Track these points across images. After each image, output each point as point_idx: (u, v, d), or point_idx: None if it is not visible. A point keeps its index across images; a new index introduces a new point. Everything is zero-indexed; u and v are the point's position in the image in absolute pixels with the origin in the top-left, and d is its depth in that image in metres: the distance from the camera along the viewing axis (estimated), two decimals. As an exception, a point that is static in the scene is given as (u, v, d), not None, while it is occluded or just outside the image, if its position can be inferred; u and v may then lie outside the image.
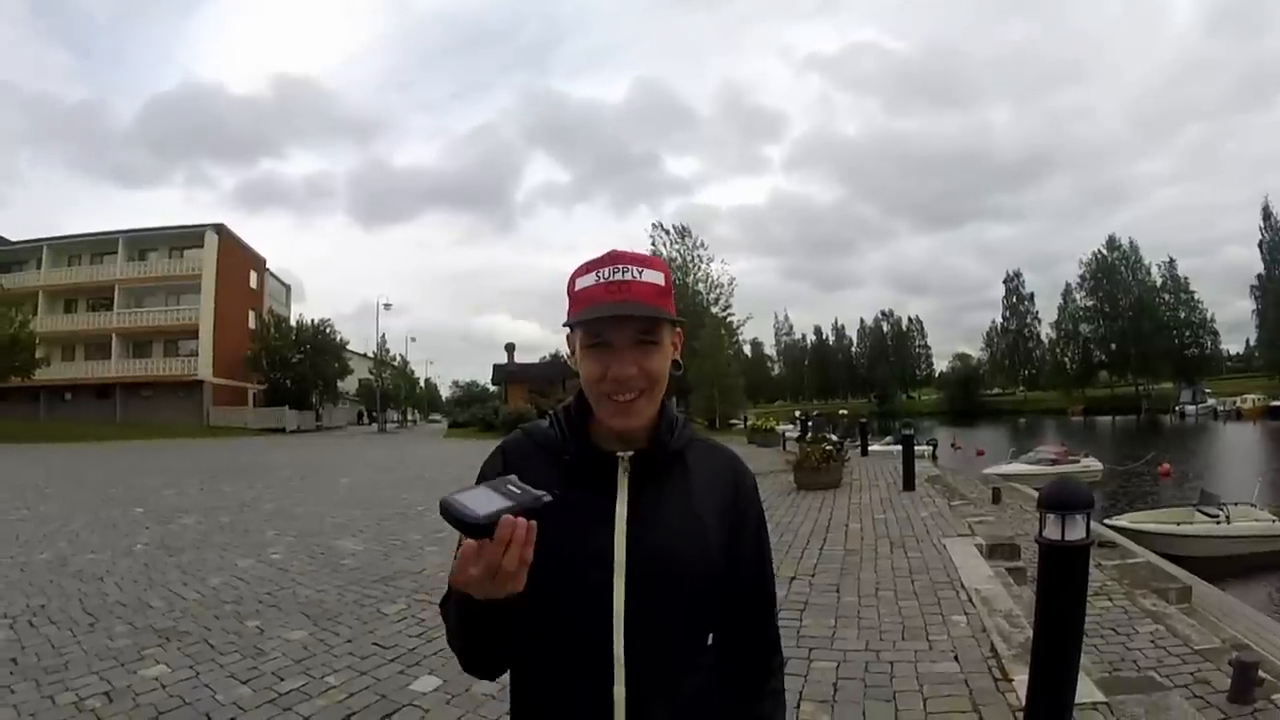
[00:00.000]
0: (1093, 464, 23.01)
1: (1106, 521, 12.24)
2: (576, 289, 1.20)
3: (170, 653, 4.87)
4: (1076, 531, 2.84)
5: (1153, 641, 5.05)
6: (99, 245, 52.47)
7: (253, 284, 58.53)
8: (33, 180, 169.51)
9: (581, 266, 1.22)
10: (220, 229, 53.36)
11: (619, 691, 1.16)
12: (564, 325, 1.22)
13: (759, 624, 1.34)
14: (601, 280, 1.17)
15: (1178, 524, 12.87)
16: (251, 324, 55.73)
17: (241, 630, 5.38)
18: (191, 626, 5.47)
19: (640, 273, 1.18)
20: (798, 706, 3.69)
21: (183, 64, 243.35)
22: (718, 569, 1.23)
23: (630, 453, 1.21)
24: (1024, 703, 3.24)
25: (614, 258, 1.19)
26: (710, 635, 1.27)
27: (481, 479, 1.19)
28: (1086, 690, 3.35)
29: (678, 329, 1.25)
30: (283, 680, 4.36)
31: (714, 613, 1.25)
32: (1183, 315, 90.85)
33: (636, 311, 1.15)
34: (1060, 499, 2.89)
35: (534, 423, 1.34)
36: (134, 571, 7.36)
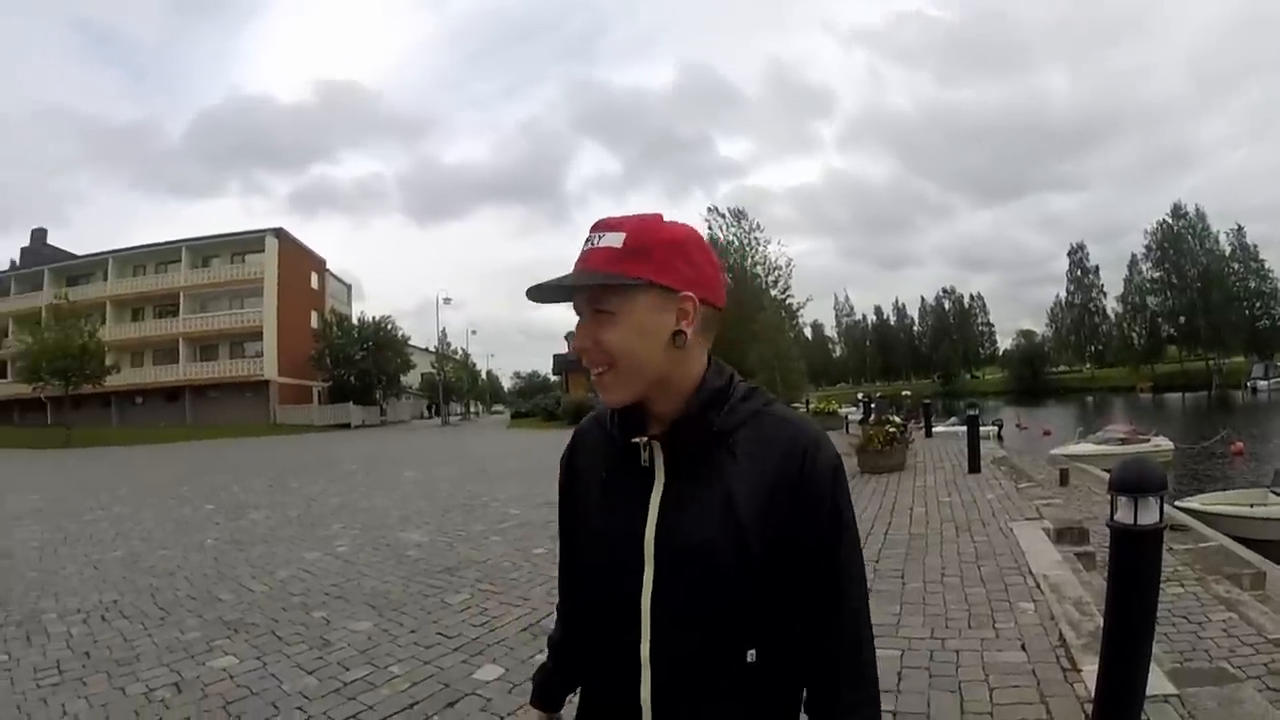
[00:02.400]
0: (1163, 443, 22.35)
1: (1177, 504, 11.88)
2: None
3: (238, 644, 4.98)
4: (1149, 515, 2.72)
5: (1225, 630, 4.88)
6: (163, 255, 54.30)
7: (314, 285, 59.83)
8: (95, 198, 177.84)
9: None
10: (280, 233, 54.63)
11: (645, 693, 1.08)
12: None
13: (819, 663, 1.10)
14: (581, 250, 1.10)
15: (1251, 506, 12.42)
16: (314, 323, 57.00)
17: (308, 621, 5.47)
18: (259, 618, 5.59)
19: (600, 237, 1.07)
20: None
21: (231, 78, 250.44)
22: (762, 575, 1.06)
23: (644, 438, 1.11)
24: (1093, 694, 3.13)
25: (594, 225, 1.10)
26: (751, 652, 1.07)
27: (559, 469, 1.31)
28: (1157, 682, 3.23)
29: (685, 294, 1.07)
30: (348, 670, 4.42)
31: (758, 626, 1.07)
32: (1253, 285, 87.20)
33: (573, 281, 1.06)
34: (1132, 480, 2.77)
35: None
36: (204, 566, 7.54)
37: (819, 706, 1.10)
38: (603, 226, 1.08)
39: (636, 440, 1.12)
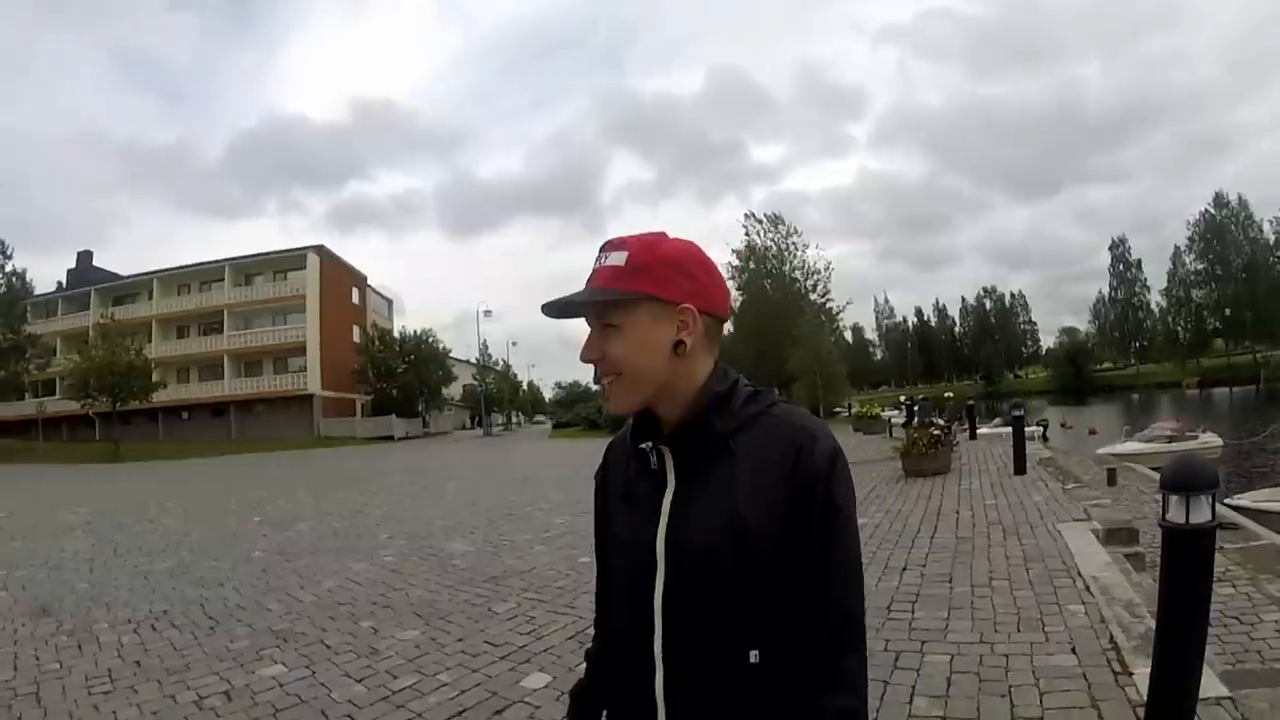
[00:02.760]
0: (1212, 439, 21.86)
1: (1228, 501, 11.61)
2: None
3: (287, 653, 5.05)
4: (1201, 513, 2.68)
5: (1278, 631, 4.76)
6: (206, 274, 55.34)
7: (355, 300, 60.61)
8: (136, 220, 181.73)
9: None
10: (321, 250, 55.50)
11: (659, 691, 1.11)
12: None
13: (807, 645, 1.08)
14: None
15: None
16: (356, 338, 57.58)
17: (356, 631, 5.53)
18: (308, 628, 5.66)
19: (606, 257, 1.15)
20: (910, 701, 3.61)
21: (266, 99, 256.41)
22: (764, 573, 1.07)
23: (649, 443, 1.17)
24: (1145, 697, 3.09)
25: (602, 245, 1.17)
26: (754, 653, 1.07)
27: (598, 474, 1.34)
28: (1210, 684, 3.17)
29: (684, 306, 1.12)
30: (396, 678, 4.46)
31: (760, 626, 1.07)
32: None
33: (579, 299, 1.14)
34: (1183, 479, 2.72)
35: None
36: (252, 577, 7.66)
37: (793, 703, 1.07)
38: (609, 246, 1.15)
39: (644, 446, 1.18)
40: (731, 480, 1.10)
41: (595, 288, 1.13)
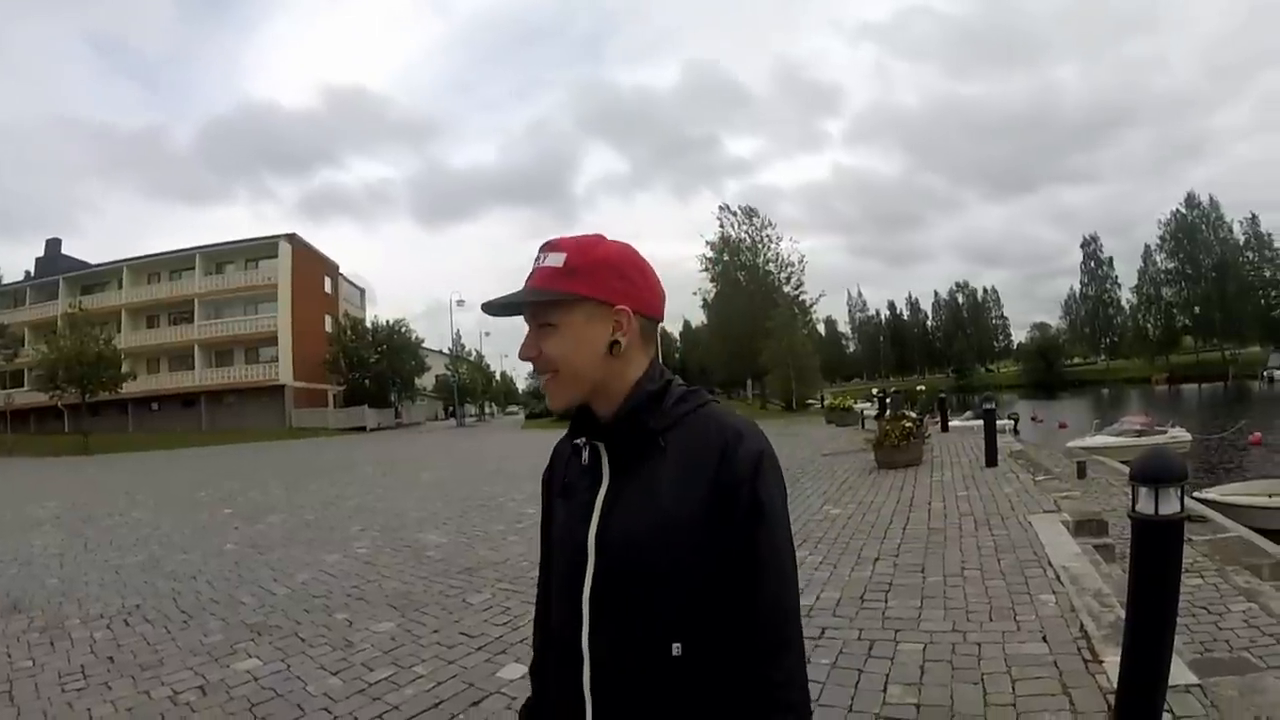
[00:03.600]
0: (1180, 434, 22.17)
1: (1196, 495, 11.81)
2: None
3: (262, 647, 5.01)
4: (1170, 505, 2.72)
5: (1246, 620, 4.86)
6: (177, 262, 54.67)
7: (327, 289, 60.16)
8: (107, 207, 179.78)
9: None
10: (293, 238, 55.01)
11: (585, 683, 1.13)
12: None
13: (738, 652, 1.09)
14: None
15: (1270, 496, 12.34)
16: (328, 328, 57.20)
17: (330, 623, 5.50)
18: (282, 621, 5.62)
19: (544, 258, 1.17)
20: (884, 689, 3.64)
21: (239, 86, 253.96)
22: (686, 568, 1.09)
23: (583, 439, 1.21)
24: (1115, 685, 3.14)
25: (541, 246, 1.20)
26: (677, 645, 1.08)
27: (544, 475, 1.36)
28: (1178, 672, 3.23)
29: (619, 307, 1.15)
30: (372, 671, 4.45)
31: (681, 619, 1.09)
32: (1268, 274, 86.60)
33: (517, 299, 1.16)
34: (1153, 471, 2.77)
35: None
36: (224, 570, 7.59)
37: (741, 702, 1.09)
38: (548, 247, 1.18)
39: (578, 441, 1.22)
40: (659, 477, 1.13)
41: (533, 288, 1.16)
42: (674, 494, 1.11)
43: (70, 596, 6.79)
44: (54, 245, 61.08)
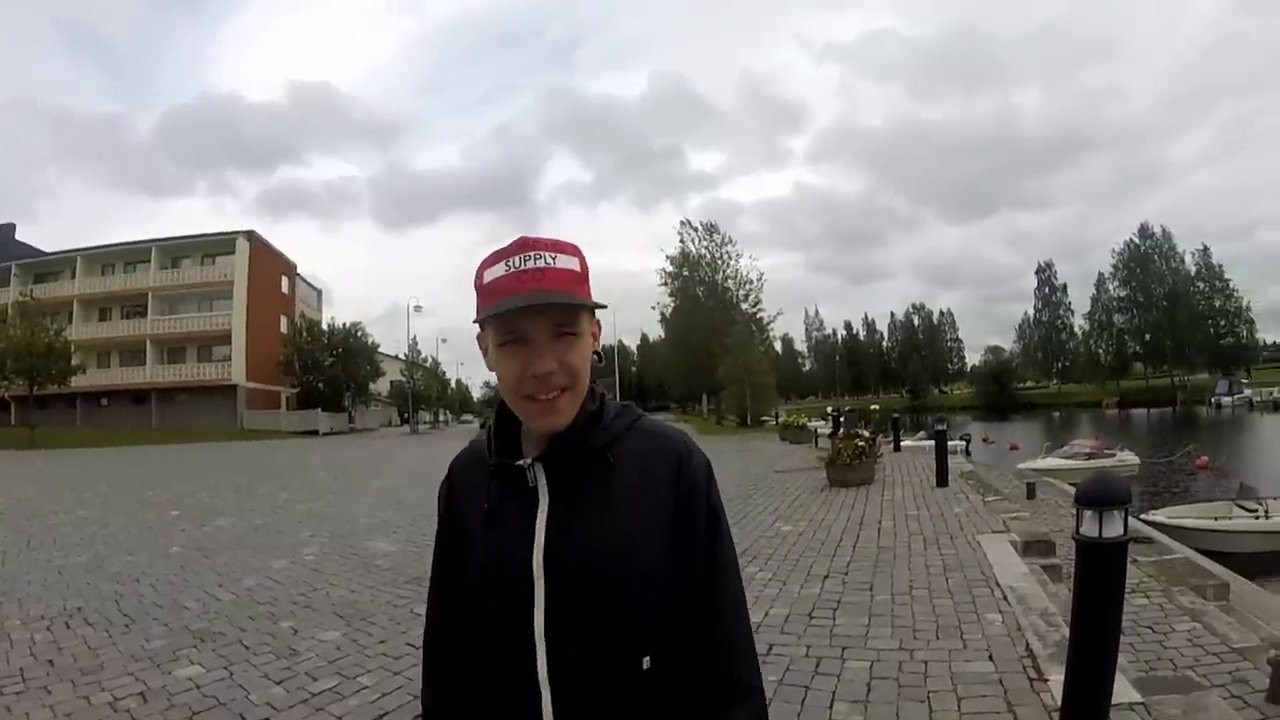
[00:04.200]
0: (1129, 457, 22.67)
1: (1143, 516, 12.05)
2: (485, 281, 1.09)
3: (205, 653, 4.93)
4: (1114, 528, 2.78)
5: (1190, 640, 4.95)
6: (132, 254, 53.60)
7: (284, 289, 59.29)
8: (63, 194, 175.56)
9: (489, 257, 1.11)
10: (251, 235, 54.15)
11: (547, 713, 1.07)
12: (474, 322, 1.12)
13: (704, 650, 1.12)
14: (512, 269, 1.07)
15: (1215, 519, 12.62)
16: (284, 328, 56.45)
17: (275, 631, 5.42)
18: (226, 628, 5.53)
19: (554, 258, 1.08)
20: (830, 706, 3.66)
21: (204, 76, 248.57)
22: (652, 579, 1.09)
23: (530, 458, 1.12)
24: (1059, 703, 3.19)
25: (523, 244, 1.09)
26: (646, 659, 1.08)
27: (438, 503, 1.27)
28: (1123, 690, 3.29)
29: (596, 318, 1.14)
30: (316, 680, 4.39)
31: (650, 632, 1.09)
32: (1218, 304, 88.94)
33: (554, 299, 1.05)
34: (1097, 494, 2.82)
35: (483, 433, 1.25)
36: (169, 573, 7.45)
37: (706, 697, 1.10)
38: (550, 247, 1.09)
39: (522, 463, 1.12)
40: (611, 490, 1.11)
41: (561, 289, 1.06)
42: (634, 508, 1.10)
43: (11, 596, 6.66)
44: (7, 230, 59.44)
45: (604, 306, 1.14)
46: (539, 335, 1.06)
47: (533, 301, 1.04)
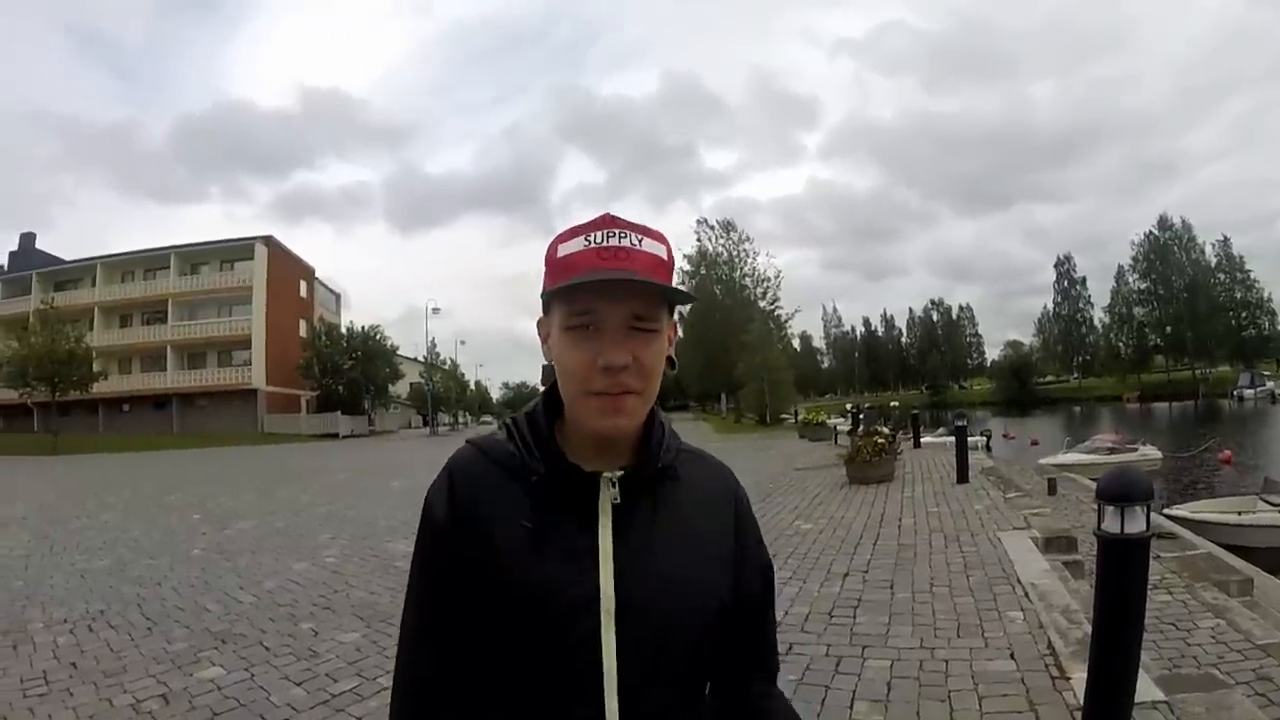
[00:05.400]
0: (1151, 452, 22.44)
1: (1166, 511, 11.93)
2: (559, 255, 0.96)
3: (226, 655, 4.95)
4: (1136, 524, 2.74)
5: (1213, 637, 4.90)
6: (151, 261, 54.16)
7: (303, 293, 59.72)
8: (81, 202, 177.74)
9: (565, 231, 0.97)
10: (269, 240, 54.65)
11: None
12: (544, 294, 0.98)
13: (754, 657, 1.09)
14: (593, 245, 0.93)
15: (1239, 514, 12.49)
16: (303, 332, 56.87)
17: (296, 633, 5.45)
18: (247, 629, 5.56)
19: (640, 240, 0.94)
20: (851, 706, 3.64)
21: (216, 83, 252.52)
22: (723, 603, 1.01)
23: (618, 471, 0.97)
24: (1082, 701, 3.15)
25: (609, 220, 0.95)
26: (707, 685, 1.04)
27: (427, 520, 1.05)
28: (1145, 688, 3.25)
29: (674, 318, 1.01)
30: (336, 682, 4.40)
31: (714, 657, 1.02)
32: (1239, 295, 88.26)
33: (638, 280, 0.91)
34: (1119, 490, 2.79)
35: (488, 434, 1.07)
36: (191, 576, 7.50)
37: (748, 700, 1.08)
38: (637, 229, 0.96)
39: (609, 474, 0.97)
40: (685, 513, 1.01)
41: (647, 274, 0.93)
42: (705, 533, 1.02)
43: (34, 600, 6.70)
44: (28, 239, 60.13)
45: (694, 299, 1.03)
46: (614, 323, 0.92)
47: (614, 277, 0.91)
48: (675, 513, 1.00)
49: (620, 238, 0.94)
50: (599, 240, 0.93)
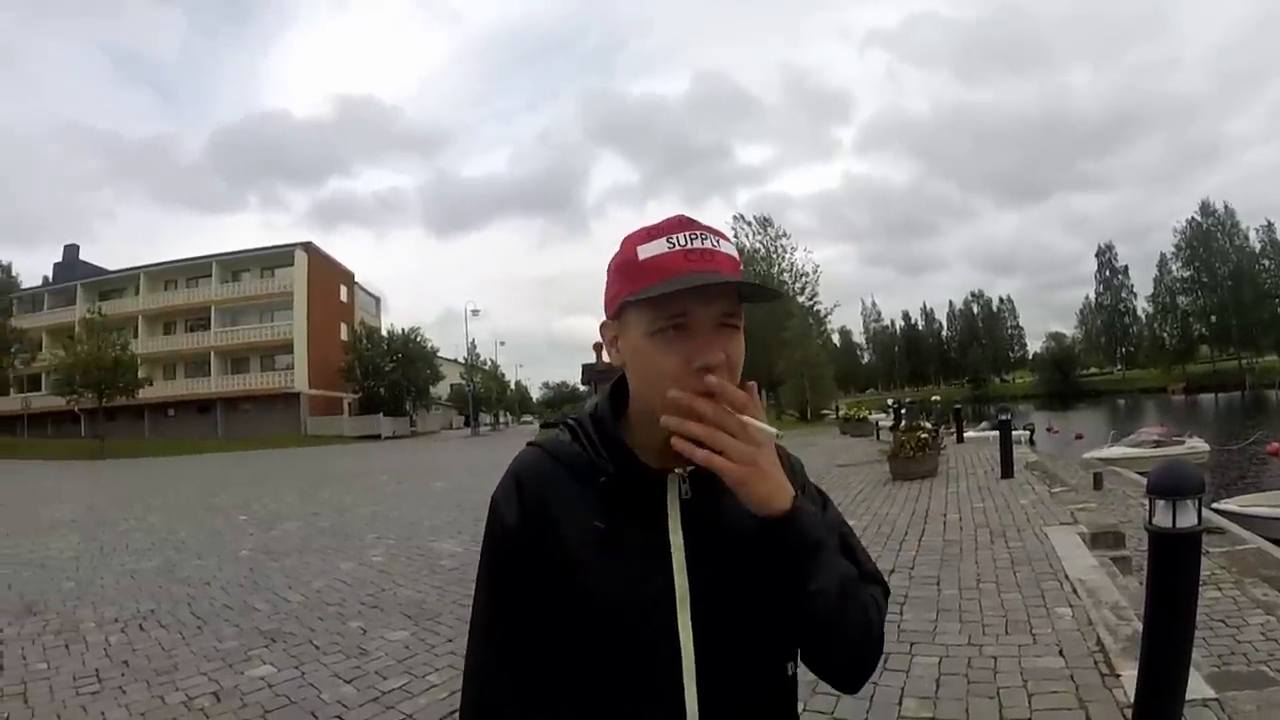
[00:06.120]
0: (1198, 444, 21.98)
1: (1213, 505, 11.69)
2: (641, 258, 0.94)
3: (276, 653, 5.04)
4: (1188, 518, 2.70)
5: (1263, 634, 4.80)
6: (193, 270, 55.20)
7: (343, 297, 60.47)
8: (121, 214, 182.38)
9: (640, 233, 0.97)
10: (309, 247, 55.43)
11: None
12: (630, 299, 0.93)
13: None
14: (678, 248, 0.93)
15: None
16: (344, 336, 57.51)
17: (344, 631, 5.53)
18: (296, 628, 5.65)
19: (718, 241, 0.95)
20: (900, 703, 3.62)
21: (251, 95, 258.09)
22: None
23: (689, 468, 0.96)
24: (1132, 699, 3.12)
25: (686, 223, 0.96)
26: (791, 664, 1.01)
27: (495, 521, 1.03)
28: (1196, 685, 3.20)
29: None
30: (385, 679, 4.46)
31: (792, 643, 1.00)
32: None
33: (736, 281, 0.92)
34: (1170, 483, 2.75)
35: (551, 435, 1.08)
36: (239, 576, 7.63)
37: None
38: (715, 232, 0.97)
39: (680, 470, 0.98)
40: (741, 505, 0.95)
41: (731, 274, 0.95)
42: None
43: (85, 600, 6.85)
44: (72, 251, 61.57)
45: (780, 295, 1.01)
46: (705, 323, 0.92)
47: (712, 281, 0.90)
48: (735, 502, 0.95)
49: (702, 239, 0.94)
50: (683, 242, 0.94)
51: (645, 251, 0.94)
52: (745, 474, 0.90)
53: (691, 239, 0.94)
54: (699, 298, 0.91)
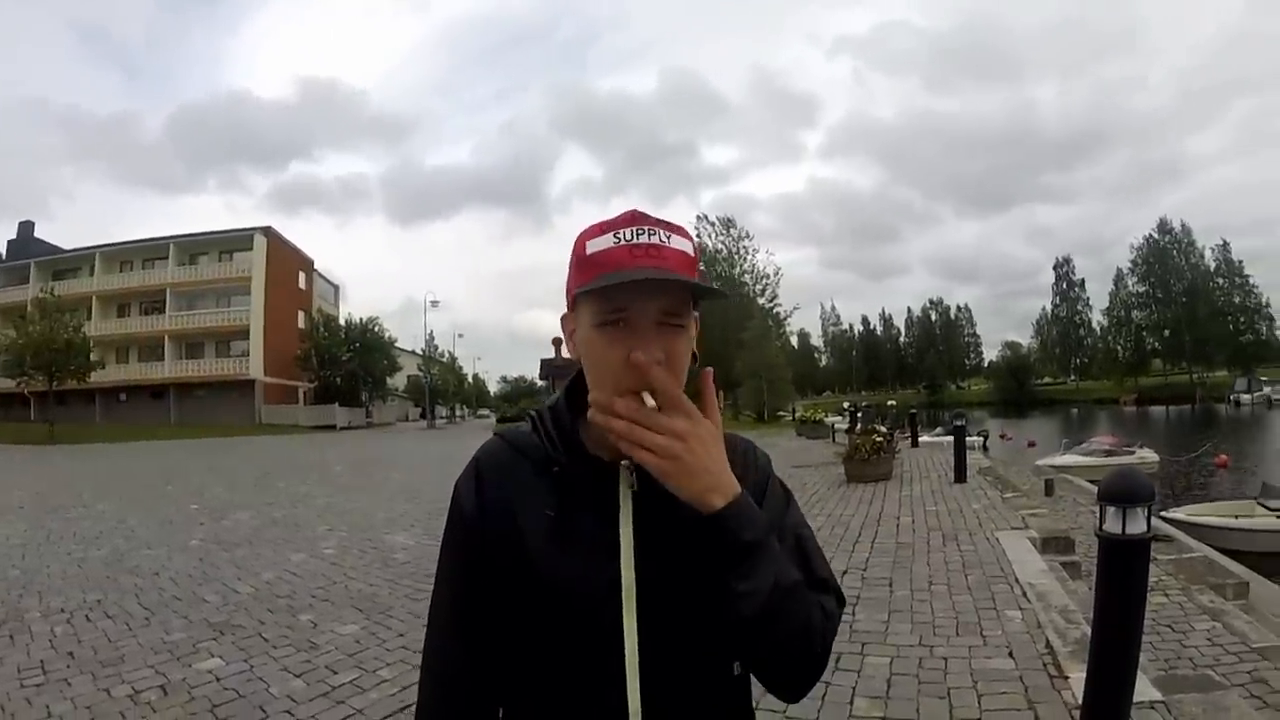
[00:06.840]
0: (1148, 455, 22.44)
1: (1162, 514, 11.93)
2: (588, 253, 0.95)
3: (225, 646, 4.96)
4: (1137, 525, 2.75)
5: (1209, 639, 4.90)
6: (150, 251, 53.97)
7: (301, 284, 59.63)
8: (79, 192, 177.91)
9: (592, 228, 0.97)
10: (268, 231, 54.50)
11: None
12: (576, 292, 0.96)
13: None
14: (623, 243, 0.93)
15: (1236, 517, 12.51)
16: (301, 323, 56.76)
17: (295, 624, 5.46)
18: (245, 621, 5.56)
19: (669, 237, 0.95)
20: (851, 702, 3.65)
21: (215, 74, 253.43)
22: None
23: (628, 462, 0.95)
24: (1080, 700, 3.17)
25: (636, 217, 0.96)
26: (737, 664, 1.01)
27: (456, 508, 1.06)
28: (1143, 689, 3.26)
29: (697, 313, 0.99)
30: (335, 673, 4.41)
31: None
32: (1237, 300, 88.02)
33: (673, 278, 0.91)
34: (1121, 491, 2.80)
35: (514, 426, 1.10)
36: (189, 567, 7.50)
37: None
38: (668, 226, 0.96)
39: (625, 462, 0.97)
40: None
41: (677, 271, 0.93)
42: None
43: (31, 589, 6.71)
44: (26, 228, 59.97)
45: (724, 295, 1.03)
46: (644, 319, 0.93)
47: (649, 277, 0.90)
48: None
49: (650, 234, 0.94)
50: (629, 237, 0.94)
51: (593, 246, 0.95)
52: (669, 468, 0.89)
53: (638, 234, 0.94)
54: (639, 293, 0.91)
